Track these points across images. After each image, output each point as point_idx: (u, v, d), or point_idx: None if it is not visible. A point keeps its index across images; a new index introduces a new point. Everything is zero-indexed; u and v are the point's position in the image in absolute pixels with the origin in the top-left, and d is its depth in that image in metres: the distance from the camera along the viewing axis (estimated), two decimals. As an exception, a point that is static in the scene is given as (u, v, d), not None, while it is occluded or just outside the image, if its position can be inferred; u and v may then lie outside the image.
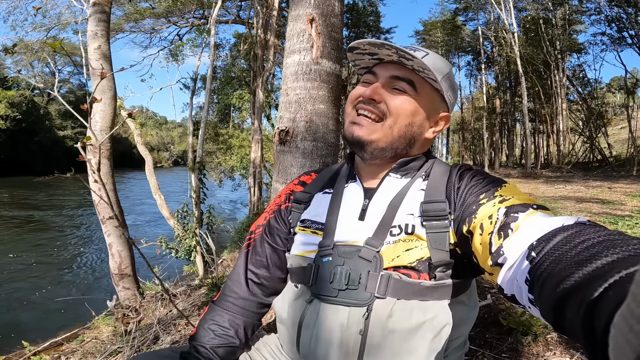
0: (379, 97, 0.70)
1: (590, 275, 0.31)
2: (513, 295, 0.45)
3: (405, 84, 0.70)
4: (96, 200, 3.39)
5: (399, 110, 0.70)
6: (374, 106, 0.71)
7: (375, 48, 0.70)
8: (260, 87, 8.23)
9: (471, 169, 0.72)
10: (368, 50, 0.72)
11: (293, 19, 1.68)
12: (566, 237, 0.40)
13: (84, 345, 2.47)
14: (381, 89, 0.71)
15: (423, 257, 0.64)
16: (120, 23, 12.52)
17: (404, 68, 0.71)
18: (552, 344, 1.32)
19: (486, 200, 0.59)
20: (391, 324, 0.62)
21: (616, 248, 0.33)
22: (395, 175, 0.74)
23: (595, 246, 0.35)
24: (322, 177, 0.85)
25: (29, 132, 29.93)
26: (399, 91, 0.71)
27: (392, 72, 0.71)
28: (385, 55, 0.71)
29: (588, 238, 0.37)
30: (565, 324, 0.32)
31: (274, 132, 1.66)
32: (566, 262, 0.35)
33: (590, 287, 0.29)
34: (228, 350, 0.78)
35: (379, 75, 0.73)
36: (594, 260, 0.32)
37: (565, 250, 0.37)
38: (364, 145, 0.71)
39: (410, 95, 0.70)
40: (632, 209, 4.92)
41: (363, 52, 0.73)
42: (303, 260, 0.73)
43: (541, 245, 0.41)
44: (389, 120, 0.70)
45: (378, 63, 0.75)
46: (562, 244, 0.39)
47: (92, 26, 3.11)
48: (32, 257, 7.35)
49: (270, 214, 0.86)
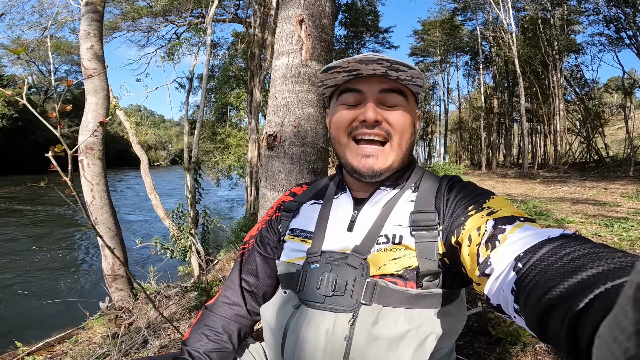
0: (381, 118, 0.68)
1: (575, 286, 0.31)
2: (499, 305, 0.46)
3: (397, 95, 0.69)
4: (88, 201, 3.36)
5: (402, 126, 0.70)
6: (379, 128, 0.69)
7: (363, 64, 0.66)
8: (258, 87, 8.21)
9: (461, 181, 0.73)
10: (348, 67, 0.67)
11: (282, 20, 1.65)
12: (552, 249, 0.41)
13: (74, 348, 2.45)
14: (378, 108, 0.69)
15: (410, 265, 0.64)
16: (117, 22, 12.48)
17: (389, 80, 0.69)
18: (541, 353, 1.31)
19: (474, 212, 0.59)
20: (376, 330, 0.61)
21: (601, 260, 0.33)
22: (386, 187, 0.74)
23: (581, 258, 0.35)
24: (312, 188, 0.87)
25: (25, 131, 29.78)
26: (391, 107, 0.70)
27: (379, 85, 0.69)
28: (369, 70, 0.67)
29: (573, 250, 0.38)
30: (549, 334, 0.33)
31: (262, 137, 1.64)
32: (551, 273, 0.36)
33: (575, 299, 0.29)
34: (221, 355, 0.79)
35: (365, 92, 0.70)
36: (579, 272, 0.33)
37: (550, 262, 0.38)
38: (382, 174, 0.70)
39: (403, 107, 0.70)
40: (628, 210, 4.92)
41: (341, 70, 0.68)
42: (292, 266, 0.73)
43: (527, 256, 0.42)
44: (395, 138, 0.69)
45: (354, 78, 0.71)
46: (548, 256, 0.40)
47: (85, 26, 3.07)
48: (27, 256, 7.31)
49: (262, 224, 0.88)
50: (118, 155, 40.63)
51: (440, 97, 30.32)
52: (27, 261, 7.00)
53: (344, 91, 0.72)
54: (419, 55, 27.41)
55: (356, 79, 0.70)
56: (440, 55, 26.13)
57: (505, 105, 21.78)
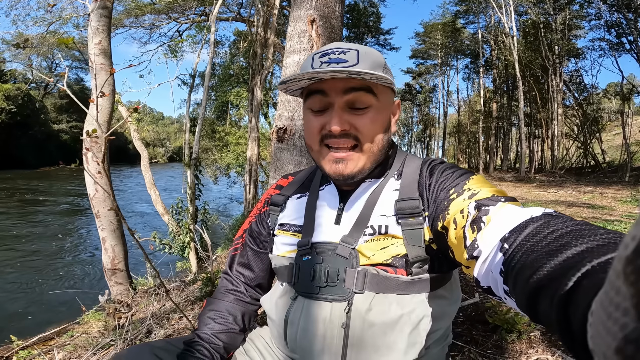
0: (348, 126, 0.66)
1: (562, 265, 0.32)
2: (489, 288, 0.46)
3: (365, 94, 0.65)
4: (91, 194, 3.38)
5: (372, 131, 0.67)
6: (347, 137, 0.67)
7: (319, 73, 0.62)
8: (259, 85, 8.23)
9: (442, 162, 0.72)
10: (307, 76, 0.64)
11: (294, 20, 1.71)
12: (536, 228, 0.41)
13: (74, 340, 2.47)
14: (344, 114, 0.66)
15: (399, 254, 0.65)
16: (120, 18, 12.46)
17: (353, 79, 0.65)
18: (535, 341, 1.36)
19: (456, 195, 0.60)
20: (371, 317, 0.64)
21: (584, 238, 0.34)
22: (370, 179, 0.74)
23: (565, 236, 0.36)
24: (297, 180, 0.87)
25: (24, 126, 29.65)
26: (360, 110, 0.66)
27: (345, 84, 0.65)
28: (329, 75, 0.63)
29: (557, 229, 0.39)
30: (540, 314, 0.33)
31: (272, 130, 1.69)
32: (537, 252, 0.36)
33: (563, 278, 0.29)
34: (229, 336, 0.81)
35: (330, 95, 0.66)
36: (564, 250, 0.33)
37: (536, 241, 0.39)
38: (354, 177, 0.69)
39: (373, 106, 0.66)
40: (621, 214, 4.99)
41: (300, 79, 0.65)
42: (285, 259, 0.76)
43: (513, 237, 0.43)
44: (366, 144, 0.67)
45: (317, 81, 0.67)
46: (533, 235, 0.40)
47: (94, 21, 3.10)
48: (22, 251, 7.30)
49: (252, 218, 0.90)
50: (117, 152, 40.52)
51: (440, 100, 30.48)
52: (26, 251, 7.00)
53: (309, 93, 0.69)
54: (420, 58, 27.53)
55: (320, 81, 0.66)
56: (441, 58, 26.23)
57: (504, 109, 21.85)
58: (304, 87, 0.70)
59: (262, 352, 0.82)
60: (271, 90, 11.49)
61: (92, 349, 1.96)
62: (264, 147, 9.90)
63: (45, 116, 33.75)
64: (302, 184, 0.85)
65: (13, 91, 27.95)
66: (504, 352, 1.32)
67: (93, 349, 2.07)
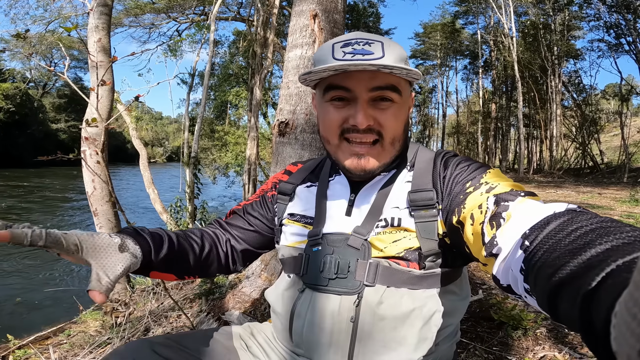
0: (373, 122, 0.64)
1: (585, 264, 0.30)
2: (509, 286, 0.45)
3: (390, 92, 0.63)
4: (89, 192, 3.36)
5: (395, 126, 0.66)
6: (371, 132, 0.65)
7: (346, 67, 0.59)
8: (258, 85, 8.21)
9: (455, 155, 0.71)
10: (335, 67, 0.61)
11: (296, 14, 1.71)
12: (559, 224, 0.40)
13: (71, 338, 2.45)
14: (368, 108, 0.64)
15: (412, 247, 0.64)
16: (120, 17, 12.47)
17: (380, 74, 0.62)
18: (542, 338, 1.35)
19: (473, 189, 0.58)
20: (381, 310, 0.62)
21: (609, 236, 0.32)
22: (383, 171, 0.72)
23: (589, 234, 0.35)
24: (306, 168, 0.85)
25: (22, 125, 29.63)
26: (384, 102, 0.64)
27: (370, 83, 0.62)
28: (358, 69, 0.60)
29: (581, 226, 0.37)
30: (561, 313, 0.32)
31: (274, 124, 1.69)
32: (560, 250, 0.35)
33: (586, 277, 0.28)
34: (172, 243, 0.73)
35: (354, 91, 0.63)
36: (588, 248, 0.32)
37: (559, 239, 0.37)
38: (374, 172, 0.68)
39: (396, 103, 0.65)
40: (621, 213, 4.99)
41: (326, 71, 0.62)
42: (294, 250, 0.73)
43: (534, 233, 0.41)
44: (387, 138, 0.66)
45: (341, 73, 0.63)
46: (556, 232, 0.39)
47: (94, 19, 3.09)
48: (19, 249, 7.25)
49: (256, 197, 0.88)
50: (114, 151, 40.46)
51: (439, 101, 30.54)
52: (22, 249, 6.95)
53: (330, 87, 0.65)
54: (419, 58, 27.58)
55: (344, 73, 0.63)
56: (440, 58, 26.30)
57: (503, 109, 21.91)
58: (324, 77, 0.65)
59: (263, 347, 0.79)
60: (270, 90, 11.50)
61: (88, 347, 1.94)
62: (263, 146, 9.89)
63: (43, 115, 33.75)
64: (312, 172, 0.83)
65: (11, 90, 27.97)
66: (510, 349, 1.31)
67: (89, 347, 2.05)
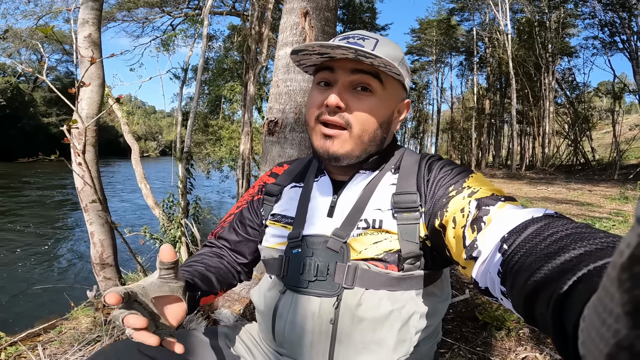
0: (343, 105, 0.65)
1: (559, 268, 0.31)
2: (487, 288, 0.46)
3: (372, 78, 0.65)
4: (79, 187, 3.31)
5: (365, 118, 0.66)
6: (339, 116, 0.65)
7: (329, 49, 0.62)
8: (252, 80, 8.15)
9: (440, 159, 0.72)
10: (317, 50, 0.64)
11: (287, 12, 1.69)
12: (536, 229, 0.41)
13: (61, 335, 2.44)
14: (345, 93, 0.65)
15: (392, 249, 0.64)
16: (112, 11, 12.25)
17: (364, 64, 0.64)
18: (524, 339, 1.37)
19: (455, 193, 0.59)
20: (360, 312, 0.63)
21: (584, 241, 0.33)
22: (365, 171, 0.73)
23: (564, 239, 0.36)
24: (293, 169, 0.85)
25: (12, 118, 29.19)
26: (364, 91, 0.66)
27: (353, 65, 0.64)
28: (339, 54, 0.63)
29: (557, 231, 0.38)
30: (535, 316, 0.33)
31: (263, 123, 1.67)
32: (536, 254, 0.36)
33: (558, 281, 0.29)
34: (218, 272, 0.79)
35: (337, 71, 0.65)
36: (562, 253, 0.33)
37: (535, 243, 0.38)
38: (339, 159, 0.68)
39: (376, 93, 0.66)
40: (610, 211, 5.06)
41: (311, 52, 0.65)
42: (275, 252, 0.74)
43: (512, 237, 0.42)
44: (355, 129, 0.66)
45: (328, 60, 0.67)
46: (533, 237, 0.40)
47: (84, 14, 3.02)
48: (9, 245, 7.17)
49: (244, 204, 0.87)
50: (107, 145, 40.05)
51: (434, 97, 30.59)
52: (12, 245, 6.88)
53: (320, 69, 0.69)
54: (415, 54, 27.51)
55: (330, 60, 0.66)
56: (436, 54, 26.28)
57: (496, 106, 22.02)
58: (317, 64, 0.69)
59: (249, 346, 0.80)
60: (265, 84, 11.40)
61: (77, 345, 1.94)
62: (257, 141, 9.84)
63: (34, 109, 33.22)
64: (298, 174, 0.83)
65: (2, 84, 27.47)
66: (493, 349, 1.33)
67: (79, 344, 2.05)
